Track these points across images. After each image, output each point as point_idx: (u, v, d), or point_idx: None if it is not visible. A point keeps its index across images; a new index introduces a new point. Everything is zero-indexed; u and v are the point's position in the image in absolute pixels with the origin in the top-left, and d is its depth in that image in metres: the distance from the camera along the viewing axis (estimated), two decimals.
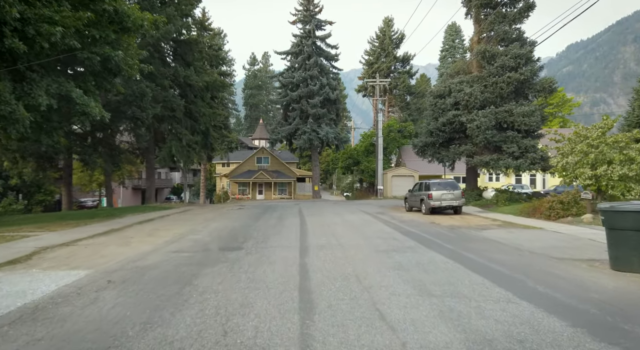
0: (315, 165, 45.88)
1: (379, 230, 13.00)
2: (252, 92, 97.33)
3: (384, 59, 54.68)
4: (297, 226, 13.99)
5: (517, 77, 22.85)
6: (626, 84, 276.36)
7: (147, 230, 13.01)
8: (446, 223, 15.50)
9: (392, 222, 15.89)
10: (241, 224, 15.09)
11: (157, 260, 8.18)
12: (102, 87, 18.05)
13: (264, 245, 9.84)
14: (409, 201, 21.80)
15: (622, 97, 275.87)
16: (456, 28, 66.09)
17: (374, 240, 10.62)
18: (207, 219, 17.08)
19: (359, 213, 20.38)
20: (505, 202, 22.33)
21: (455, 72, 26.36)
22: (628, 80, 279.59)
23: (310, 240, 10.62)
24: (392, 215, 18.86)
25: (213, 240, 10.79)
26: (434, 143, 25.68)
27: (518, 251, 9.26)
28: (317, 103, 39.97)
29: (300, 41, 41.89)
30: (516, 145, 22.78)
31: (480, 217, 17.71)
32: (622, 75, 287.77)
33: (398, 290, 5.78)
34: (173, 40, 27.32)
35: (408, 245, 9.85)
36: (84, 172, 37.55)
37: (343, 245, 9.75)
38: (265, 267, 7.37)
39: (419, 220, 16.76)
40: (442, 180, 20.33)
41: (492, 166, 23.09)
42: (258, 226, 14.18)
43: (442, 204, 18.89)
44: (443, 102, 25.08)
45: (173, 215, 18.79)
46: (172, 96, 24.91)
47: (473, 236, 11.79)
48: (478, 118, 22.65)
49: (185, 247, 9.79)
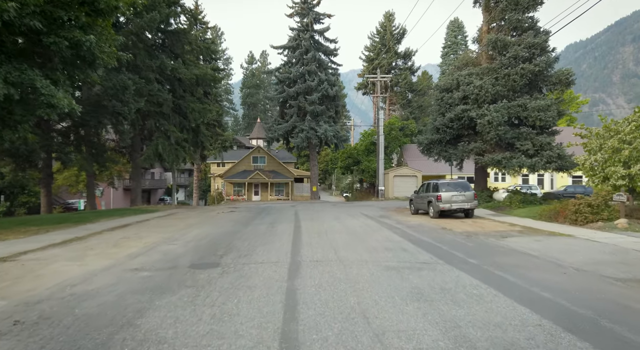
0: (314, 165, 44.02)
1: (384, 238, 11.18)
2: (249, 91, 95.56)
3: (384, 55, 52.79)
4: (290, 234, 12.17)
5: (532, 69, 21.07)
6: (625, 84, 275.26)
7: (115, 239, 11.17)
8: (459, 229, 13.69)
9: (398, 227, 14.08)
10: (227, 230, 13.26)
11: (104, 283, 6.36)
12: (74, 78, 16.25)
13: (247, 261, 8.02)
14: (414, 203, 20.00)
15: (621, 97, 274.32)
16: (459, 24, 64.17)
17: (380, 253, 8.81)
18: (190, 224, 15.24)
19: (360, 217, 18.58)
20: (520, 204, 20.55)
21: (463, 64, 24.56)
22: (627, 80, 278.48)
23: (303, 254, 8.79)
24: (397, 219, 17.05)
25: (187, 253, 8.96)
26: (440, 140, 23.86)
27: (560, 268, 7.46)
28: (316, 99, 38.07)
29: (297, 35, 39.96)
30: (530, 142, 21.00)
31: (496, 222, 15.91)
32: (621, 76, 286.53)
33: (425, 341, 3.96)
34: (160, 30, 25.49)
35: (423, 260, 8.04)
36: (69, 172, 35.71)
37: (343, 261, 7.94)
38: (241, 296, 5.55)
39: (427, 225, 14.95)
40: (452, 180, 18.53)
41: (504, 165, 21.29)
42: (245, 234, 12.35)
43: (452, 207, 17.09)
44: (450, 96, 23.29)
45: (154, 220, 16.94)
46: (157, 90, 23.05)
47: (496, 246, 9.98)
48: (489, 113, 20.86)
49: (150, 262, 7.97)
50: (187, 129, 26.60)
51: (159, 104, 24.26)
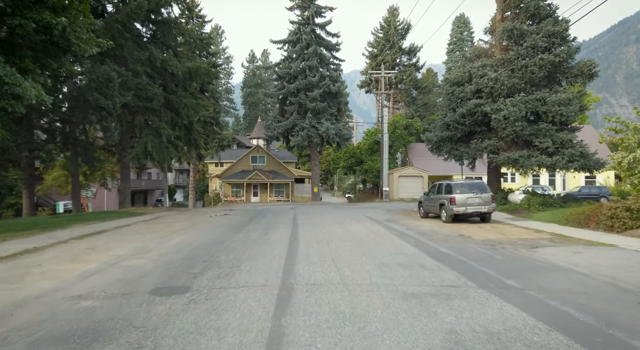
0: (315, 165, 42.27)
1: (396, 250, 9.46)
2: (250, 91, 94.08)
3: (388, 51, 50.93)
4: (285, 243, 10.47)
5: (551, 59, 19.32)
6: (629, 84, 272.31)
7: (76, 251, 9.49)
8: (479, 236, 11.99)
9: (409, 234, 12.37)
10: (214, 238, 11.57)
11: (23, 321, 4.67)
12: (46, 66, 14.60)
13: (225, 283, 6.32)
14: (424, 206, 18.27)
15: (624, 98, 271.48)
16: (464, 19, 62.24)
17: (394, 271, 7.10)
18: (175, 230, 13.55)
19: (364, 221, 16.88)
20: (539, 207, 18.79)
21: (475, 56, 22.81)
22: (630, 80, 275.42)
23: (298, 272, 7.09)
24: (407, 224, 15.34)
25: (155, 270, 7.28)
26: (451, 138, 22.11)
27: (628, 295, 5.75)
28: (317, 96, 36.28)
29: (298, 29, 38.18)
30: (550, 139, 19.26)
31: (518, 227, 14.19)
32: (624, 76, 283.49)
33: None
34: (150, 20, 23.84)
35: (449, 282, 6.33)
36: (59, 172, 34.09)
37: (348, 284, 6.23)
38: (204, 347, 3.86)
39: (441, 231, 13.23)
40: (466, 180, 16.80)
41: (521, 164, 19.53)
42: (234, 242, 10.65)
43: (467, 210, 15.36)
44: (462, 89, 21.55)
45: (136, 225, 15.26)
46: (146, 84, 21.38)
47: (531, 260, 8.26)
48: (505, 107, 19.11)
49: (103, 285, 6.28)
50: (179, 126, 24.92)
51: (149, 99, 22.59)
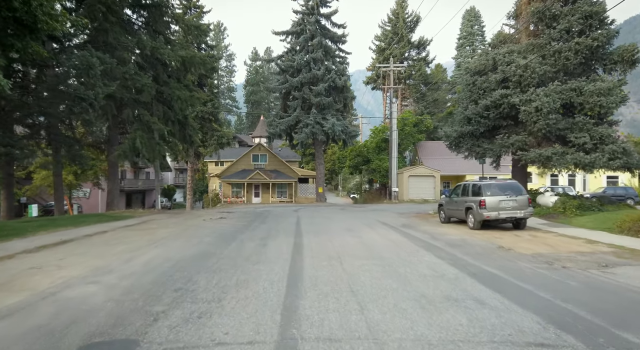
0: (320, 164, 40.04)
1: (431, 270, 7.25)
2: (253, 89, 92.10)
3: (396, 44, 48.58)
4: (285, 260, 8.29)
5: (589, 44, 17.05)
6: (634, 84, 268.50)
7: (16, 271, 7.36)
8: (522, 248, 9.79)
9: (438, 246, 10.17)
10: (198, 252, 9.40)
11: None
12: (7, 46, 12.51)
13: (194, 337, 4.13)
14: (445, 209, 16.04)
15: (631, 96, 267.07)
16: (475, 13, 59.66)
17: (444, 313, 4.88)
18: (155, 240, 11.39)
19: (378, 226, 14.70)
20: (576, 211, 16.52)
21: (499, 42, 20.54)
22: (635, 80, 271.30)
23: (304, 313, 4.90)
24: (428, 232, 13.14)
25: (100, 308, 5.10)
26: (472, 133, 19.85)
27: None
28: (322, 90, 34.02)
29: (302, 19, 35.93)
30: (587, 134, 16.97)
31: (562, 236, 11.95)
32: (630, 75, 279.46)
33: None
34: (140, 5, 21.77)
35: (532, 334, 4.12)
36: (47, 172, 32.09)
37: (381, 340, 4.03)
38: None
39: (474, 241, 11.02)
40: (497, 180, 14.56)
41: (554, 163, 17.26)
42: (221, 260, 8.48)
43: (500, 216, 13.13)
44: (485, 79, 19.31)
45: (113, 232, 13.12)
46: (134, 73, 19.26)
47: (620, 289, 6.04)
48: (538, 98, 16.83)
49: (5, 340, 4.12)
50: (172, 121, 22.77)
51: (138, 91, 20.49)
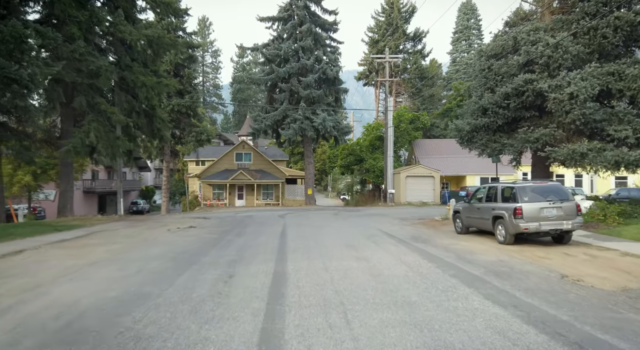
0: (309, 163, 36.97)
1: (493, 331, 4.20)
2: (240, 87, 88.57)
3: (390, 36, 45.71)
4: (257, 313, 5.18)
5: (630, 19, 14.25)
6: None
7: None
8: (594, 278, 6.90)
9: (475, 274, 7.17)
10: (124, 291, 6.22)
11: None
12: None
13: None
14: (463, 217, 13.10)
15: None
16: (471, 6, 57.24)
17: None
18: (78, 266, 8.14)
19: (384, 240, 11.69)
20: (618, 218, 13.73)
21: (519, 20, 17.68)
22: None
23: None
24: (449, 248, 10.15)
25: None
26: (488, 126, 16.93)
27: None
28: (312, 82, 30.92)
29: (289, 4, 32.72)
30: (630, 126, 14.16)
31: (628, 256, 9.07)
32: None
33: None
34: None
35: None
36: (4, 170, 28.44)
37: None
38: None
39: (521, 267, 8.03)
40: (535, 183, 11.61)
41: (591, 160, 14.41)
42: (151, 311, 5.34)
43: (541, 227, 10.21)
44: (504, 63, 16.44)
45: (33, 251, 9.82)
46: (86, 52, 15.90)
47: None
48: (573, 82, 13.98)
49: None
50: (137, 112, 19.46)
51: (93, 74, 17.11)
